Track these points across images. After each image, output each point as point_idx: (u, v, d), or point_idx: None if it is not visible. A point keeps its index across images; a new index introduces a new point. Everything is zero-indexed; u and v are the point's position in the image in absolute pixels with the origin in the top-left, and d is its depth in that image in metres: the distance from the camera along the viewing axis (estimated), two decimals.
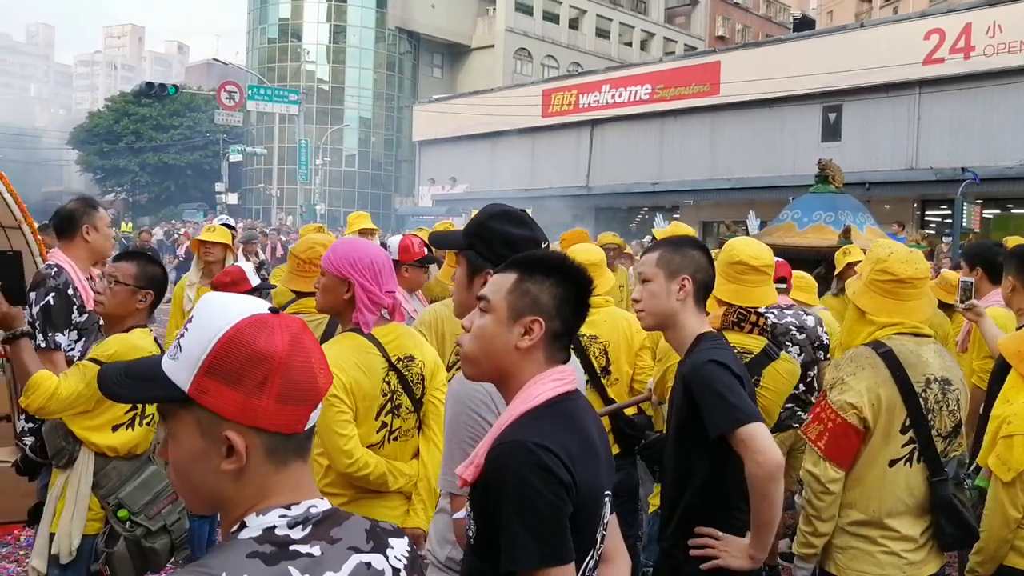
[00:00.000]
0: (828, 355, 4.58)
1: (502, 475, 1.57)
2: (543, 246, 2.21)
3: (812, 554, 2.68)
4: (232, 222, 7.33)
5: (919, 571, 2.63)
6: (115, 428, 3.19)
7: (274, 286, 5.11)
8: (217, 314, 1.13)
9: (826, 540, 2.67)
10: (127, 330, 3.21)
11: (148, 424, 3.31)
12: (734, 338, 3.01)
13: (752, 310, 3.15)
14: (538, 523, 1.54)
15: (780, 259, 4.82)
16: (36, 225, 5.13)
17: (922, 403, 2.59)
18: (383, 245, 5.47)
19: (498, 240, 2.18)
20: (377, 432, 2.68)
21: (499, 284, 1.74)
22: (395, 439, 2.76)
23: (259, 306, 1.16)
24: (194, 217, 37.58)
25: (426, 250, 4.69)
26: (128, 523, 3.16)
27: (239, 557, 1.05)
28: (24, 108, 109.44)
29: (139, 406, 3.21)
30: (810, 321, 4.57)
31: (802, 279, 5.08)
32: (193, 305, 4.84)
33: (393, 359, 2.70)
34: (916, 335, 2.67)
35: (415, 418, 2.84)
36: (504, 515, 1.56)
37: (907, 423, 2.59)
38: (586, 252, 4.05)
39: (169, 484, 3.32)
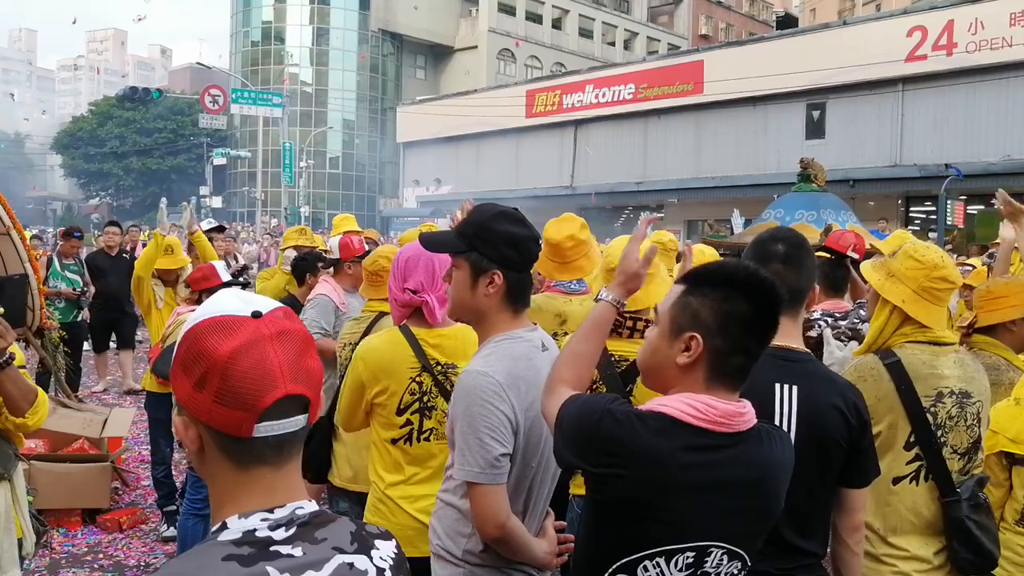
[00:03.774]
0: None
1: None
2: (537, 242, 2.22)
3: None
4: (216, 224, 7.39)
5: None
6: None
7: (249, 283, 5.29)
8: (200, 311, 1.16)
9: None
10: None
11: None
12: (611, 344, 2.83)
13: (628, 314, 2.88)
14: None
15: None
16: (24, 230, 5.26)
17: (930, 419, 2.42)
18: (321, 252, 5.58)
19: (502, 241, 2.15)
20: (400, 428, 2.72)
21: (668, 297, 1.71)
22: (426, 439, 2.75)
23: (240, 307, 1.14)
24: (178, 220, 37.36)
25: (366, 247, 4.95)
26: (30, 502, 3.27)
27: (214, 561, 1.06)
28: (7, 112, 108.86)
29: None
30: (866, 330, 4.24)
31: None
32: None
33: (431, 361, 2.69)
34: (937, 343, 2.49)
35: None
36: None
37: (911, 439, 2.43)
38: None
39: None
